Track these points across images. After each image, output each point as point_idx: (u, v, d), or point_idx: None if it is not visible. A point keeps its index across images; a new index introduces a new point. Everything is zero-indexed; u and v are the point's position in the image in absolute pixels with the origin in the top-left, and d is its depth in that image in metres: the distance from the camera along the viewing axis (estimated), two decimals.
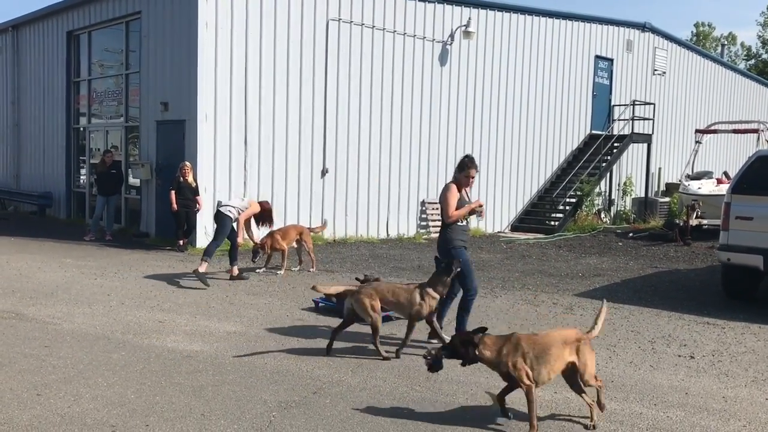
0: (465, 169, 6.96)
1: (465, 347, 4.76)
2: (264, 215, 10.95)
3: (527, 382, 4.67)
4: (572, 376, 4.88)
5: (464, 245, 6.99)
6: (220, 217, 10.25)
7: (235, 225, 10.35)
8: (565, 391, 5.69)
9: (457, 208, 6.89)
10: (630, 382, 5.95)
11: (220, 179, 13.47)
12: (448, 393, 5.56)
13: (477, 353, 4.74)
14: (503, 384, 4.93)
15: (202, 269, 9.77)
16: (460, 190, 6.96)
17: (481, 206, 7.11)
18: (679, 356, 6.83)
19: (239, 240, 10.43)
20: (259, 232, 11.38)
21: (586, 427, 4.86)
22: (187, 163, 12.89)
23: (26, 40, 19.54)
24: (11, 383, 5.50)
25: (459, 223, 6.95)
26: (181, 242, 12.93)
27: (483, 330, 4.84)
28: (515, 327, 7.86)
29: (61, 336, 6.96)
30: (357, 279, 8.53)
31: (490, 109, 18.13)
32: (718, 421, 5.11)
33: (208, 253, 10.07)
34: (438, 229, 17.01)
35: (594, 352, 5.01)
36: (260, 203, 11.07)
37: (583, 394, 4.92)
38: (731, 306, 9.27)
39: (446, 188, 6.98)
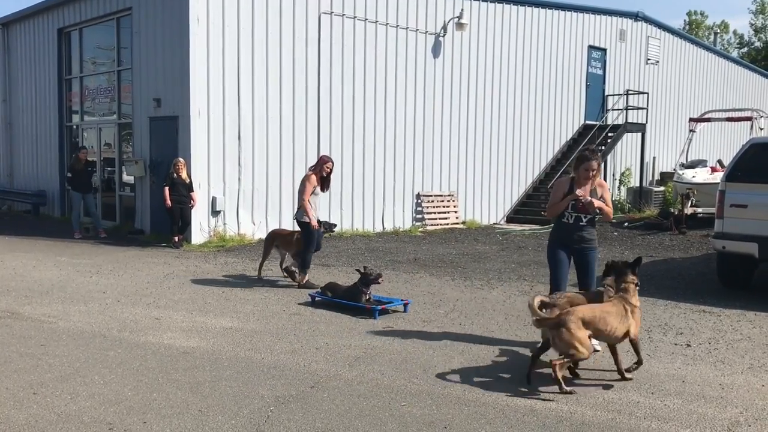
0: (584, 162, 6.41)
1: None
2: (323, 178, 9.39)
3: None
4: None
5: (562, 243, 6.61)
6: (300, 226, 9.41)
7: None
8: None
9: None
10: None
11: (214, 175, 13.44)
12: (446, 385, 5.55)
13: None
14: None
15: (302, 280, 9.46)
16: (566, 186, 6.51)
17: (581, 198, 6.38)
18: (676, 344, 6.85)
19: (313, 223, 9.18)
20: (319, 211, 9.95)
21: None
22: (181, 159, 12.86)
23: (17, 38, 19.43)
24: (7, 382, 5.48)
25: (562, 219, 6.54)
26: (176, 239, 12.90)
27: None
28: (512, 318, 7.88)
29: (56, 334, 6.94)
30: (357, 271, 8.52)
31: (484, 101, 18.11)
32: (715, 408, 5.12)
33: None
34: (433, 221, 16.99)
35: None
36: (318, 162, 9.46)
37: None
38: (727, 294, 9.29)
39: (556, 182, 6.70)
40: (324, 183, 9.41)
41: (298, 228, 9.56)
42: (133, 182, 15.12)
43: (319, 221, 9.49)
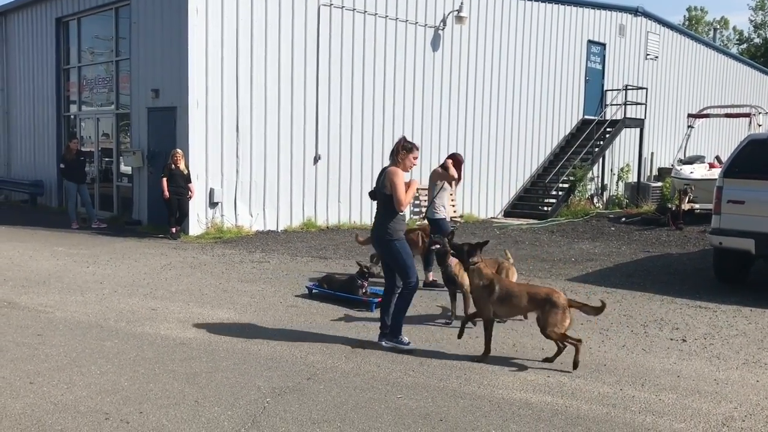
0: (413, 151, 6.52)
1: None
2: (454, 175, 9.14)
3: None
4: None
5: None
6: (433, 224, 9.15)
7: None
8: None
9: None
10: (622, 366, 5.98)
11: (212, 166, 13.42)
12: (442, 378, 5.57)
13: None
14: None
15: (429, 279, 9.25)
16: None
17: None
18: (672, 339, 6.87)
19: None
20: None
21: None
22: (179, 150, 12.84)
23: (15, 27, 19.35)
24: (4, 372, 5.48)
25: (401, 213, 6.40)
26: (173, 230, 12.89)
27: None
28: None
29: (53, 324, 6.94)
30: (358, 264, 8.52)
31: (483, 95, 18.09)
32: (710, 403, 5.14)
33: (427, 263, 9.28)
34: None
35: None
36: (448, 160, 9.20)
37: None
38: (723, 289, 9.32)
39: (393, 172, 6.28)
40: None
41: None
42: (131, 173, 15.08)
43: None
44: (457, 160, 9.34)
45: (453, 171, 9.09)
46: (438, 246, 6.92)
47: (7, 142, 20.14)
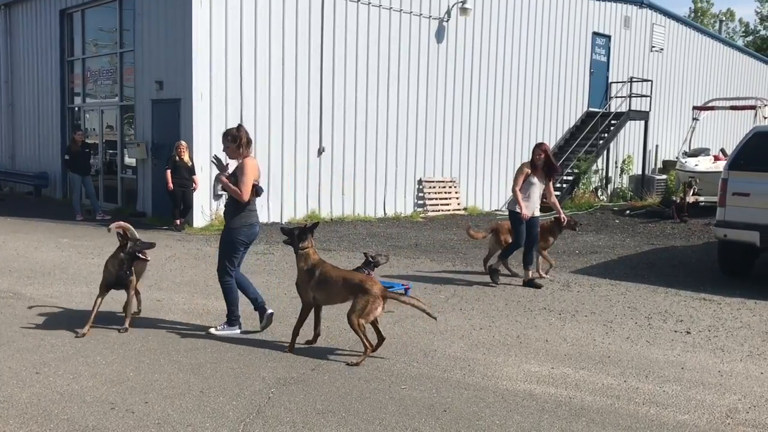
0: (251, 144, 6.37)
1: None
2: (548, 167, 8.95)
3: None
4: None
5: None
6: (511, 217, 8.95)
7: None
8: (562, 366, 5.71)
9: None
10: (627, 358, 5.98)
11: None
12: (446, 369, 5.58)
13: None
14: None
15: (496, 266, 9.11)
16: None
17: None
18: (676, 332, 6.87)
19: (523, 213, 8.66)
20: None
21: None
22: (183, 142, 12.86)
23: (19, 19, 19.35)
24: (10, 362, 5.51)
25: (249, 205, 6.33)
26: (177, 222, 12.92)
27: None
28: (512, 304, 7.91)
29: (59, 315, 6.96)
30: (365, 254, 8.51)
31: (487, 87, 18.06)
32: (714, 394, 5.15)
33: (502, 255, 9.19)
34: (436, 207, 16.96)
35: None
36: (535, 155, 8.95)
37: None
38: (727, 282, 9.31)
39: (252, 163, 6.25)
40: (544, 171, 8.94)
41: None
42: (135, 165, 15.11)
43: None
44: (536, 146, 9.14)
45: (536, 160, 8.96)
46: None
47: (12, 134, 20.17)
